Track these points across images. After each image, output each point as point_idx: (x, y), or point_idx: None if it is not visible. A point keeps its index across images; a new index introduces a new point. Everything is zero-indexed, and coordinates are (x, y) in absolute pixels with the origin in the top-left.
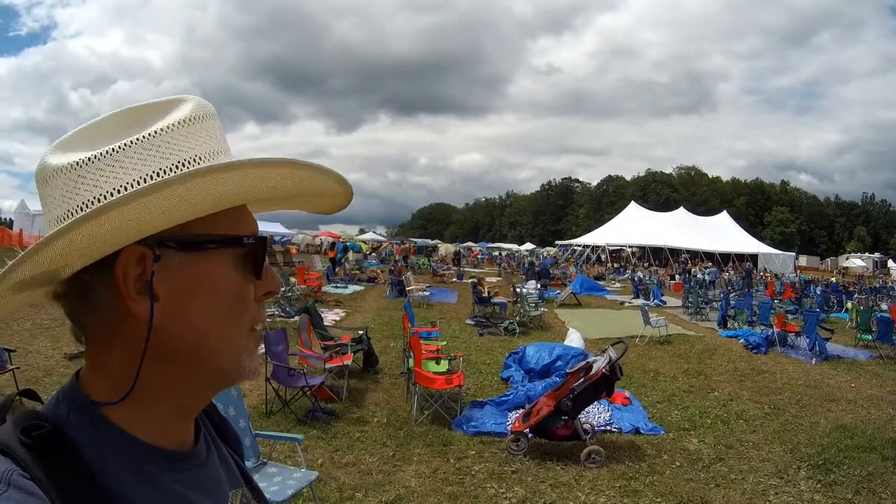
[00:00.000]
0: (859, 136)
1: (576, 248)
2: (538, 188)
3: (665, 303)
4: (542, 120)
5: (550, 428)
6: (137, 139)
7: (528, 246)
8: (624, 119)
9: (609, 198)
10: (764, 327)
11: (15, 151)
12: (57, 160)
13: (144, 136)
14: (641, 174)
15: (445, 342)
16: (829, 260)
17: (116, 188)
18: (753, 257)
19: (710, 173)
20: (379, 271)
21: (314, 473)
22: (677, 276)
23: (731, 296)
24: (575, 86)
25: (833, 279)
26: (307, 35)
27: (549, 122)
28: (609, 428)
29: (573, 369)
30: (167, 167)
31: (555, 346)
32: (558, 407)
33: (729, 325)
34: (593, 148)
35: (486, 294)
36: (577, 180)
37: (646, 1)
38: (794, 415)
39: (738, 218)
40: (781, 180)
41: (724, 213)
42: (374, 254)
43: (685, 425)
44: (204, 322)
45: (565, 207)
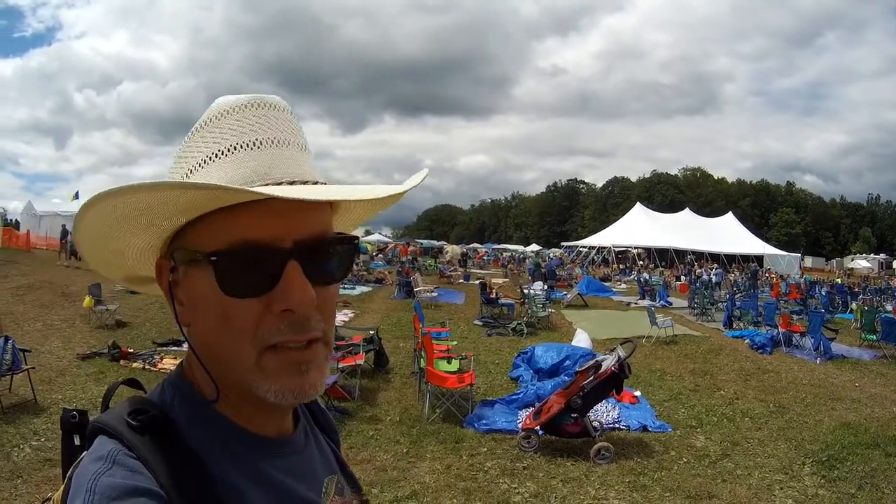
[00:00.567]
0: (865, 138)
1: (581, 249)
2: (544, 189)
3: (671, 304)
4: (547, 121)
5: (561, 425)
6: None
7: (534, 247)
8: (629, 120)
9: (614, 199)
10: (769, 328)
11: (20, 152)
12: None
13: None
14: (647, 175)
15: (456, 342)
16: (834, 261)
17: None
18: (759, 258)
19: (716, 174)
20: (386, 272)
21: None
22: (683, 277)
23: (736, 297)
24: (580, 87)
25: (839, 280)
26: (313, 36)
27: (554, 124)
28: (617, 425)
29: (583, 368)
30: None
31: (563, 346)
32: (568, 404)
33: (734, 325)
34: (599, 149)
35: (493, 295)
36: (582, 182)
37: (651, 2)
38: (799, 413)
39: (744, 219)
40: (787, 181)
41: (730, 214)
42: (380, 255)
43: (692, 423)
44: (207, 332)
45: (571, 209)
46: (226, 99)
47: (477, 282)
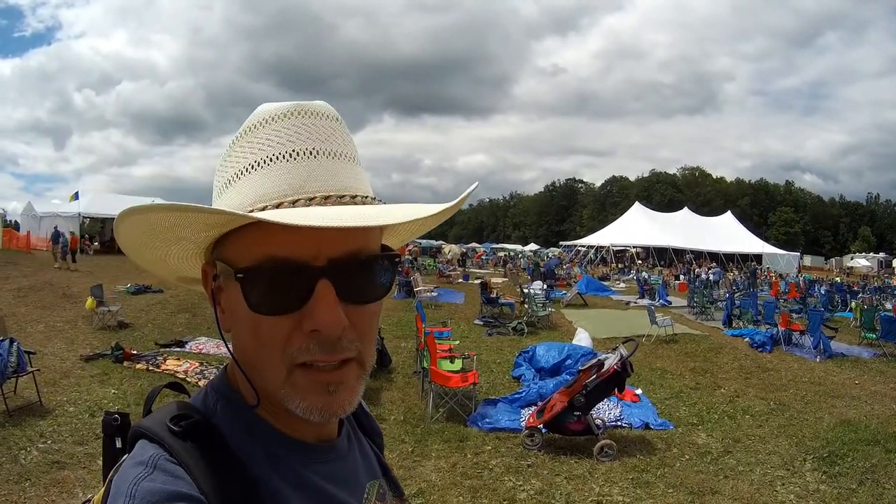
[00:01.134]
0: (866, 137)
1: (580, 248)
2: (542, 189)
3: (670, 303)
4: (546, 121)
5: (564, 423)
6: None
7: (533, 246)
8: (629, 120)
9: (613, 198)
10: (769, 326)
11: (20, 153)
12: None
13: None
14: (645, 175)
15: (458, 341)
16: (833, 260)
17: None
18: (758, 257)
19: (715, 174)
20: None
21: None
22: (682, 277)
23: (735, 295)
24: (580, 86)
25: (838, 279)
26: (312, 36)
27: (553, 123)
28: (620, 423)
29: (585, 366)
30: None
31: (564, 345)
32: (571, 403)
33: (734, 324)
34: (598, 149)
35: (493, 295)
36: (581, 181)
37: (651, 2)
38: (799, 410)
39: (743, 218)
40: (786, 180)
41: (729, 213)
42: None
43: (693, 420)
44: (243, 342)
45: (569, 208)
46: (266, 107)
47: (477, 281)
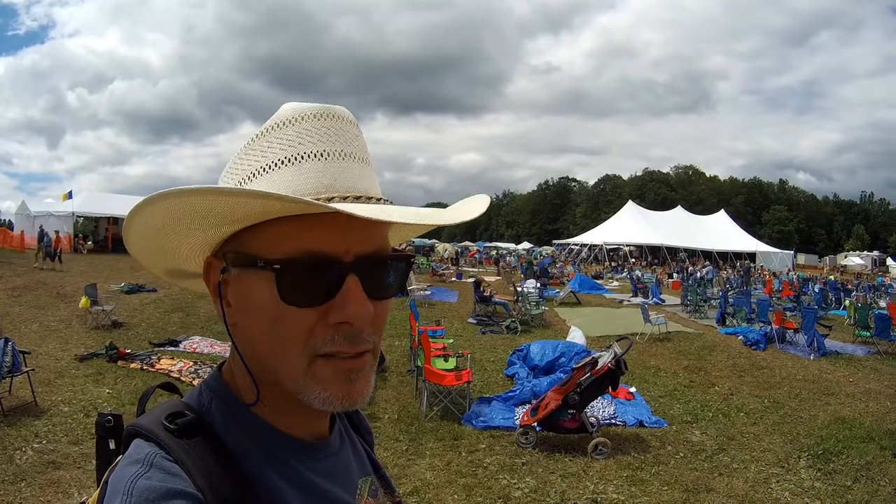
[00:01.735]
0: (860, 136)
1: (573, 247)
2: (535, 187)
3: (664, 301)
4: (539, 119)
5: (558, 421)
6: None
7: (526, 245)
8: (622, 118)
9: (606, 197)
10: (763, 324)
11: (14, 152)
12: None
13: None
14: (639, 174)
15: (452, 340)
16: (827, 258)
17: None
18: (752, 256)
19: (709, 172)
20: None
21: None
22: (675, 275)
23: (729, 294)
24: (573, 85)
25: (832, 277)
26: (306, 34)
27: (547, 122)
28: (614, 421)
29: (579, 364)
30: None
31: (557, 343)
32: (566, 401)
33: (728, 322)
34: (591, 147)
35: (487, 293)
36: (574, 179)
37: (645, 1)
38: (794, 408)
39: (736, 217)
40: (780, 179)
41: (722, 211)
42: None
43: (687, 418)
44: (255, 334)
45: (562, 206)
46: (292, 106)
47: (470, 280)
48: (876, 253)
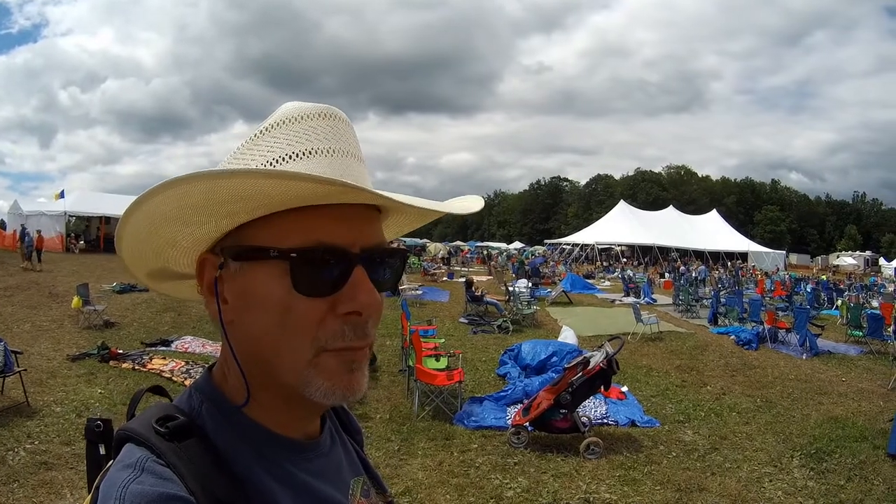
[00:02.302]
0: (854, 136)
1: (565, 246)
2: (527, 187)
3: (655, 301)
4: (532, 119)
5: (550, 421)
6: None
7: (517, 245)
8: (614, 118)
9: (598, 196)
10: (755, 324)
11: (6, 151)
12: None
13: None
14: (631, 173)
15: (443, 340)
16: (819, 258)
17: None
18: (743, 255)
19: (701, 172)
20: None
21: None
22: (667, 275)
23: (721, 293)
24: (566, 85)
25: (824, 277)
26: (298, 33)
27: (539, 121)
28: (606, 421)
29: (571, 364)
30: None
31: (549, 342)
32: (557, 400)
33: (720, 322)
34: (584, 147)
35: (478, 293)
36: (566, 179)
37: (638, 0)
38: (786, 407)
39: (728, 217)
40: (772, 179)
41: (714, 211)
42: None
43: (679, 418)
44: (257, 329)
45: (554, 206)
46: (295, 105)
47: (461, 280)
48: (868, 253)
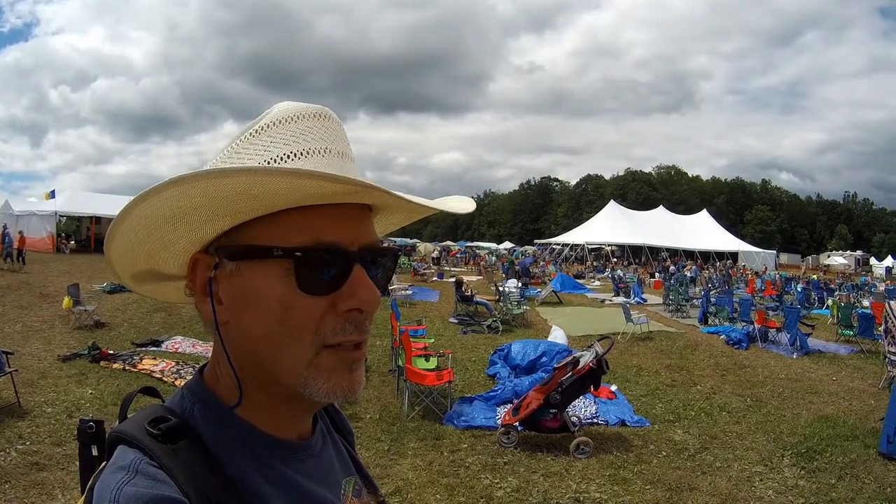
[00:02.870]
0: (844, 136)
1: (555, 246)
2: (517, 187)
3: (646, 300)
4: (522, 119)
5: (540, 421)
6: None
7: (507, 245)
8: (605, 118)
9: (588, 196)
10: (745, 323)
11: None
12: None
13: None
14: (621, 173)
15: (433, 339)
16: (809, 258)
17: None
18: (734, 255)
19: (691, 172)
20: None
21: None
22: (657, 275)
23: (711, 293)
24: (556, 84)
25: (814, 277)
26: (288, 32)
27: (529, 121)
28: (596, 420)
29: (561, 364)
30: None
31: (539, 342)
32: (547, 400)
33: (710, 321)
34: (574, 147)
35: (468, 293)
36: (556, 179)
37: (629, 0)
38: (777, 406)
39: (719, 216)
40: (762, 179)
41: (704, 211)
42: None
43: (670, 417)
44: (256, 329)
45: (544, 206)
46: (290, 105)
47: (451, 280)
48: (859, 252)
